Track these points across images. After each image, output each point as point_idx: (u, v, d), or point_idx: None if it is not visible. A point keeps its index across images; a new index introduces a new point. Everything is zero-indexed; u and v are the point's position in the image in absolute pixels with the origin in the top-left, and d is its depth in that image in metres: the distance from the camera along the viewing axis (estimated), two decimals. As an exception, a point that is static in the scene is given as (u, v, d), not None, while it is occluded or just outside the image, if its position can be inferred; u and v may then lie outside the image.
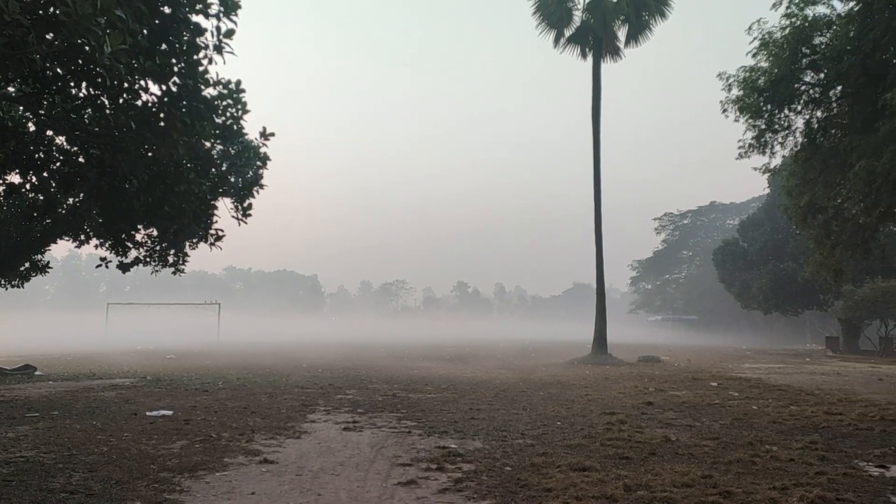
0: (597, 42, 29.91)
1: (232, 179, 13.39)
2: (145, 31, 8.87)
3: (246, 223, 13.30)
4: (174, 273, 15.28)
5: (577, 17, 30.38)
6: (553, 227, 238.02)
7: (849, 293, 40.14)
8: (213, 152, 12.68)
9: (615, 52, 30.61)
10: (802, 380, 19.80)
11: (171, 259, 14.90)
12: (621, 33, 30.19)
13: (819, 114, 19.20)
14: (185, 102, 9.95)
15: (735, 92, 19.08)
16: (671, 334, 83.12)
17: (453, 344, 49.06)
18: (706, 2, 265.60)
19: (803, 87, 18.77)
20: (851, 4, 17.01)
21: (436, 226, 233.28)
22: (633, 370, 23.37)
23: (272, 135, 12.37)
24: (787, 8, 18.50)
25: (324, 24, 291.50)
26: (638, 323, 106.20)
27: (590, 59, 30.48)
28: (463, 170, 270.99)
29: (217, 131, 11.78)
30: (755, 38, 18.79)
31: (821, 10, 18.50)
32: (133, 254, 14.42)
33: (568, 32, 30.48)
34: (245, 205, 13.40)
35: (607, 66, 30.98)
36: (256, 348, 37.20)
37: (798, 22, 18.26)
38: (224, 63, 9.95)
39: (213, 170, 12.37)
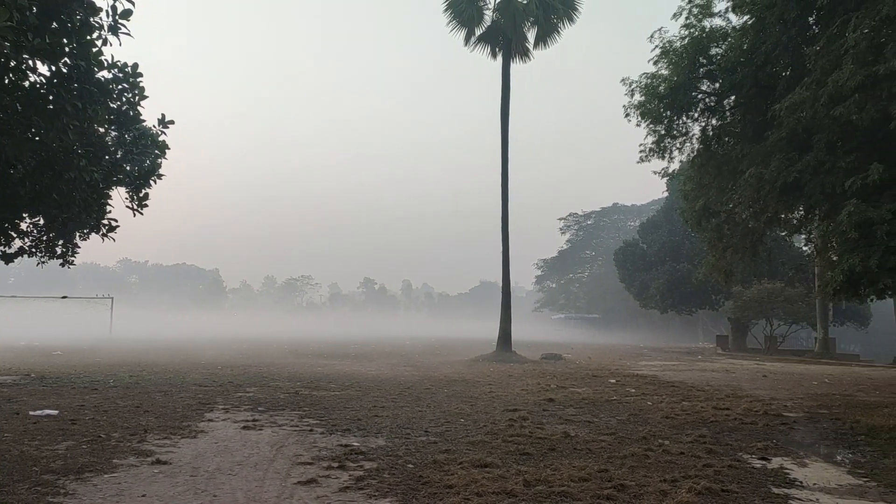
0: (506, 42, 30.31)
1: (128, 168, 12.75)
2: (35, 8, 8.31)
3: (142, 214, 12.69)
4: (63, 265, 14.43)
5: (488, 16, 30.73)
6: (461, 226, 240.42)
7: (738, 294, 42.26)
8: (107, 138, 12.04)
9: (524, 53, 31.11)
10: (694, 376, 20.68)
11: (59, 250, 14.05)
12: (531, 35, 30.73)
13: (714, 122, 20.06)
14: (76, 85, 9.38)
15: (637, 97, 19.70)
16: (574, 332, 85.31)
17: (359, 341, 48.69)
18: (613, 9, 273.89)
19: (700, 96, 19.57)
20: (746, 18, 17.84)
21: (343, 221, 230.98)
22: (536, 367, 23.81)
23: (171, 122, 11.85)
24: (687, 19, 19.25)
25: (231, 9, 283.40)
26: (542, 321, 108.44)
27: (499, 58, 30.88)
28: (371, 165, 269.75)
29: (112, 116, 11.17)
30: (656, 47, 19.46)
31: (717, 22, 19.35)
32: (17, 244, 13.53)
33: (479, 31, 30.77)
34: (141, 195, 12.78)
35: (517, 67, 31.50)
36: (152, 345, 35.76)
37: (696, 32, 19.03)
38: (120, 45, 9.43)
39: (107, 157, 11.74)
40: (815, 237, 20.06)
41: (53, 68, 9.16)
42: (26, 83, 9.33)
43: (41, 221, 13.15)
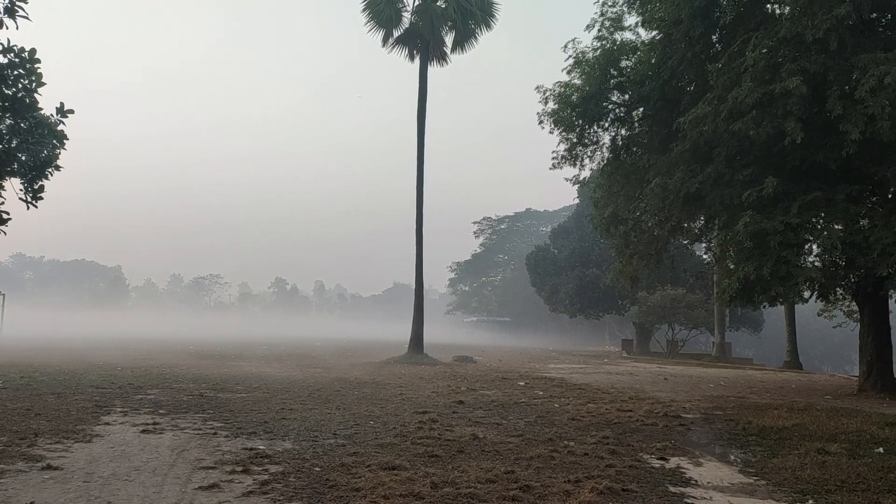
0: (424, 45, 30.40)
1: (23, 158, 12.07)
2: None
3: (36, 207, 12.03)
4: (-52, 259, 13.54)
5: (407, 18, 30.72)
6: (376, 227, 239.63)
7: (643, 299, 43.76)
8: (1, 126, 11.38)
9: (442, 57, 31.29)
10: (600, 379, 21.25)
11: (-56, 243, 13.20)
12: (448, 39, 30.94)
13: (623, 132, 20.72)
14: (-35, 68, 8.84)
15: (551, 105, 20.12)
16: (485, 335, 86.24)
17: (269, 342, 47.74)
18: (530, 17, 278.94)
19: (611, 106, 20.17)
20: (654, 34, 18.51)
21: (254, 219, 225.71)
22: (447, 370, 23.94)
23: (71, 112, 11.30)
24: (599, 31, 19.83)
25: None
26: (455, 324, 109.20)
27: (417, 61, 30.92)
28: (285, 164, 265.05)
29: (6, 103, 10.57)
30: (570, 56, 19.95)
31: (628, 35, 20.02)
32: None
33: (397, 33, 30.73)
34: (36, 187, 12.12)
35: (435, 70, 31.66)
36: (47, 345, 33.98)
37: (608, 45, 19.62)
38: (17, 28, 8.95)
39: (0, 146, 11.11)
40: (714, 246, 21.02)
41: (-59, 50, 8.60)
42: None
43: (-76, 212, 12.30)
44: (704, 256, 40.48)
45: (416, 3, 30.51)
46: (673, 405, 13.92)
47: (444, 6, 30.05)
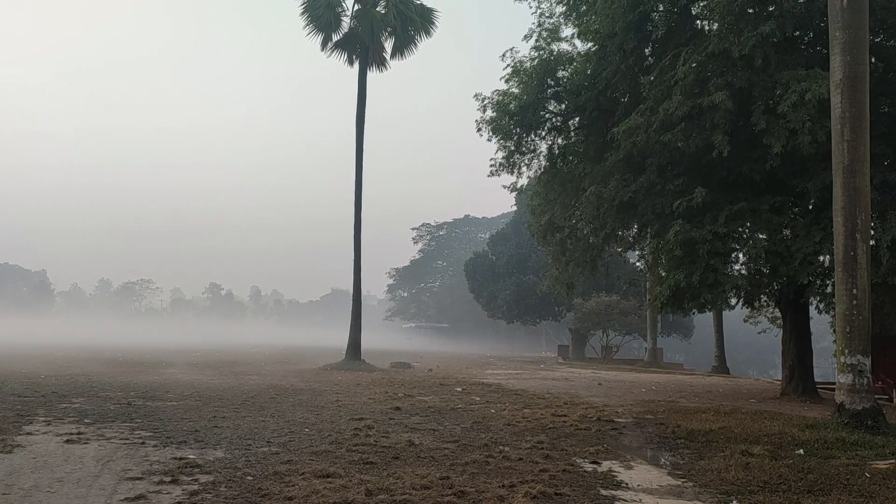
0: (364, 50, 30.30)
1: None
2: None
3: (-45, 209, 11.54)
4: None
5: (346, 23, 30.56)
6: (314, 232, 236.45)
7: (578, 306, 44.48)
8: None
9: (381, 63, 31.23)
10: (536, 385, 21.51)
11: None
12: (388, 45, 30.90)
13: (560, 141, 21.07)
14: None
15: (489, 113, 20.31)
16: (424, 341, 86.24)
17: (202, 349, 46.65)
18: (469, 25, 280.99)
19: (548, 115, 20.50)
20: (590, 45, 18.92)
21: (187, 224, 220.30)
22: (384, 376, 23.85)
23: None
24: (537, 41, 20.16)
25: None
26: (393, 330, 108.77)
27: (356, 66, 30.79)
28: (218, 165, 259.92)
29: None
30: (508, 66, 20.20)
31: (565, 46, 20.42)
32: None
33: (336, 37, 30.52)
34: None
35: (375, 77, 31.66)
36: (-34, 353, 32.47)
37: (545, 55, 19.95)
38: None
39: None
40: (647, 254, 21.54)
41: None
42: None
43: None
44: (638, 264, 41.49)
45: (356, 7, 30.41)
46: (606, 410, 14.20)
47: (383, 12, 30.03)
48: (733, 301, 17.18)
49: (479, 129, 20.76)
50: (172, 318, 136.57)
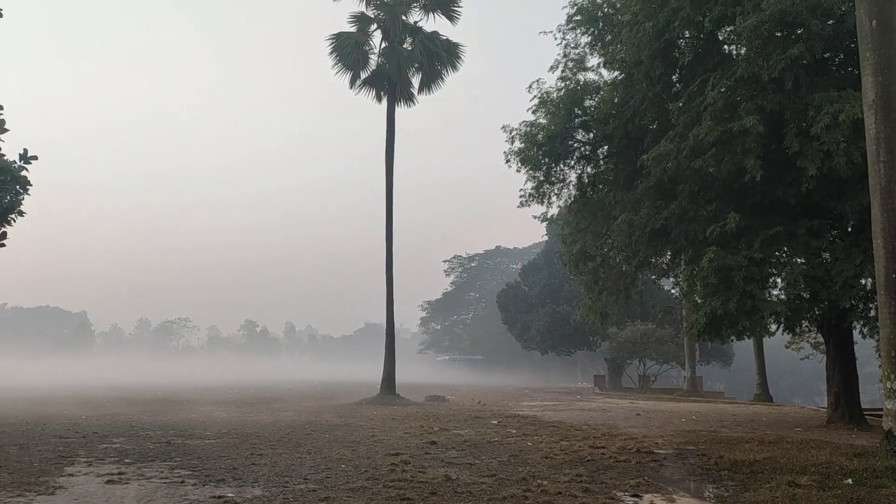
0: (391, 87, 30.72)
1: (-15, 204, 11.91)
2: None
3: (-2, 254, 11.85)
4: None
5: (373, 60, 31.07)
6: (346, 267, 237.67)
7: (613, 335, 43.92)
8: (-38, 173, 11.24)
9: (409, 98, 31.62)
10: (573, 416, 21.22)
11: None
12: (415, 80, 31.30)
13: (589, 170, 21.03)
14: (-74, 114, 8.73)
15: (517, 144, 20.38)
16: (458, 374, 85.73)
17: (239, 386, 46.94)
18: (496, 57, 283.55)
19: (576, 145, 20.49)
20: (616, 74, 18.95)
21: (222, 261, 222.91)
22: (419, 410, 23.73)
23: (34, 158, 11.21)
24: (563, 72, 20.26)
25: (106, 39, 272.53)
26: (427, 363, 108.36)
27: (385, 102, 31.22)
28: (252, 205, 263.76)
29: (-33, 150, 10.46)
30: (535, 97, 20.31)
31: (591, 76, 20.49)
32: None
33: (364, 75, 31.03)
34: (-1, 233, 11.96)
35: (403, 111, 31.90)
36: (9, 394, 33.05)
37: (571, 85, 20.02)
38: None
39: (-39, 193, 10.95)
40: (681, 281, 21.26)
41: None
42: None
43: None
44: (672, 291, 40.90)
45: (383, 45, 30.91)
46: (646, 441, 13.93)
47: (410, 48, 30.47)
48: (773, 327, 16.82)
49: (507, 161, 20.83)
50: (209, 355, 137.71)
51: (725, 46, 16.91)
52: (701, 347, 44.54)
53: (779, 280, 15.90)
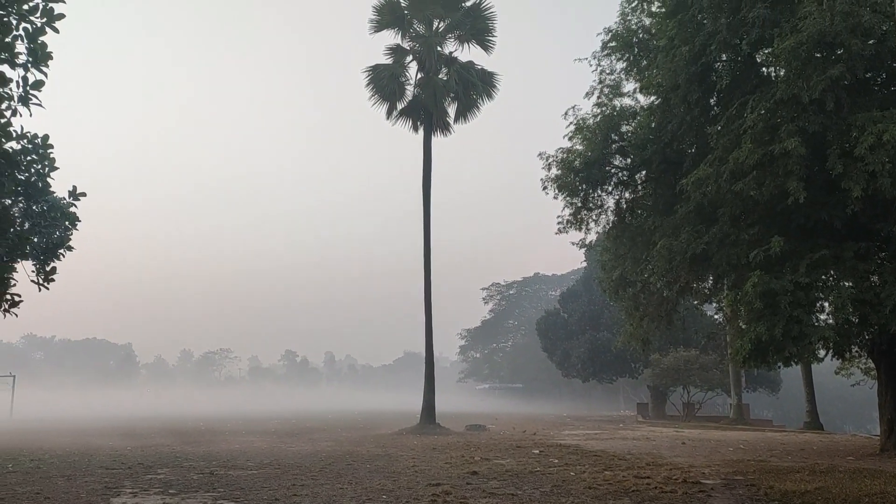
0: (427, 116, 31.03)
1: (35, 240, 12.26)
2: (-62, 77, 8.07)
3: (48, 288, 12.15)
4: (-41, 341, 13.59)
5: (410, 91, 31.48)
6: (385, 296, 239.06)
7: (656, 362, 43.24)
8: (14, 210, 11.60)
9: (445, 128, 31.88)
10: (616, 445, 20.85)
11: (-44, 326, 13.28)
12: (451, 110, 31.59)
13: (627, 195, 20.90)
14: (-20, 155, 9.08)
15: (554, 171, 20.34)
16: (498, 402, 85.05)
17: (280, 416, 47.20)
18: (530, 84, 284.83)
19: (613, 170, 20.40)
20: (653, 99, 18.89)
21: (262, 292, 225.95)
22: (460, 439, 23.56)
23: (83, 195, 11.54)
24: (598, 98, 20.27)
25: (141, 76, 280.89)
26: (467, 391, 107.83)
27: (421, 132, 31.53)
28: (290, 235, 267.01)
29: (19, 188, 10.81)
30: (571, 123, 20.30)
31: (627, 101, 20.45)
32: None
33: (400, 105, 31.45)
34: (48, 268, 12.27)
35: (439, 139, 32.17)
36: (57, 426, 33.73)
37: (607, 111, 20.01)
38: (31, 115, 9.22)
39: (12, 230, 11.28)
40: (724, 306, 20.88)
41: (-43, 138, 8.86)
42: (-73, 153, 8.98)
43: (-63, 296, 12.41)
44: (716, 317, 40.19)
45: (419, 76, 31.32)
46: (692, 471, 13.62)
47: (445, 79, 30.81)
48: (821, 353, 16.39)
49: (544, 188, 20.79)
50: (251, 385, 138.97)
51: (764, 68, 16.75)
52: (747, 374, 43.58)
53: (826, 304, 15.50)
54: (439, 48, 31.05)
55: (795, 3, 14.20)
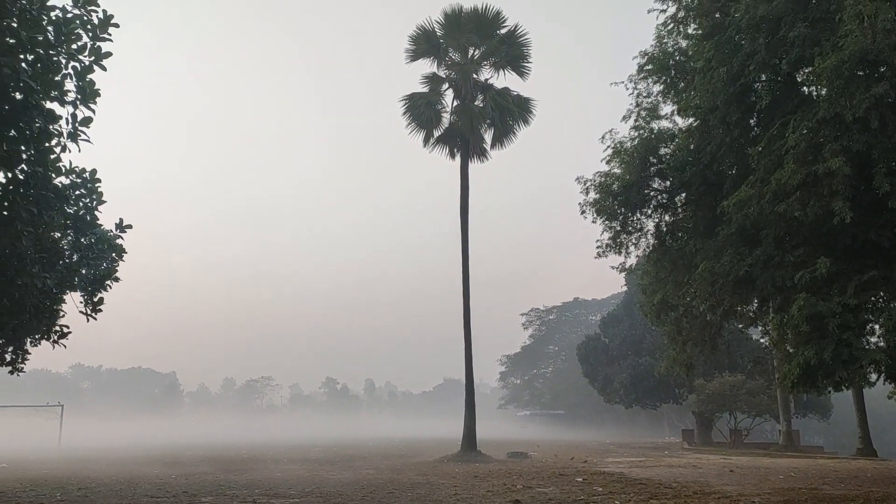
0: (464, 143, 31.17)
1: (83, 272, 12.59)
2: (-8, 117, 8.40)
3: (95, 319, 12.44)
4: (12, 372, 13.93)
5: (446, 119, 31.68)
6: (424, 323, 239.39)
7: (700, 387, 42.39)
8: (63, 243, 11.94)
9: (482, 154, 31.98)
10: (661, 473, 20.42)
11: (8, 357, 13.60)
12: (487, 136, 31.69)
13: (667, 218, 20.71)
14: (32, 191, 9.37)
15: (592, 195, 20.29)
16: (539, 429, 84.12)
17: (321, 443, 47.31)
18: (568, 109, 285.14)
19: (652, 193, 20.26)
20: (691, 121, 18.76)
21: (302, 320, 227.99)
22: (501, 467, 23.31)
23: (129, 227, 11.84)
24: (636, 121, 20.22)
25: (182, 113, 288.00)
26: (507, 418, 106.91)
27: (458, 159, 31.66)
28: (328, 264, 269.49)
29: (68, 222, 11.15)
30: (608, 147, 20.28)
31: (665, 124, 20.37)
32: (-37, 351, 13.09)
33: (437, 133, 31.64)
34: (96, 299, 12.57)
35: (476, 166, 32.23)
36: (104, 454, 34.26)
37: (645, 134, 19.94)
38: (80, 151, 9.52)
39: (62, 262, 11.61)
40: (770, 330, 20.45)
41: (9, 175, 9.16)
42: (-21, 190, 9.31)
43: (-10, 328, 12.78)
44: (762, 340, 39.34)
45: (455, 104, 31.55)
46: (741, 500, 13.26)
47: (481, 105, 30.98)
48: (873, 377, 15.90)
49: (583, 212, 20.74)
50: (292, 413, 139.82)
51: (805, 88, 16.53)
52: (796, 399, 42.45)
53: (876, 327, 15.08)
54: (475, 75, 31.25)
55: (836, 22, 14.00)
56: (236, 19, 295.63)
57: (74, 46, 9.20)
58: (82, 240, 11.96)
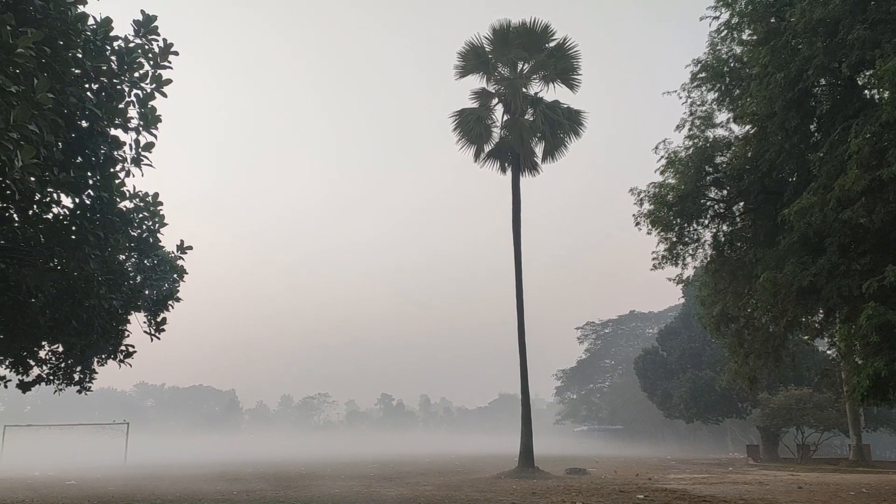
0: (515, 157, 31.11)
1: (147, 293, 12.95)
2: (60, 144, 8.72)
3: (159, 338, 12.78)
4: (80, 392, 14.37)
5: (496, 133, 31.67)
6: (479, 338, 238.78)
7: (765, 401, 41.16)
8: (127, 265, 12.31)
9: (533, 167, 31.86)
10: (726, 490, 19.85)
11: (77, 377, 14.04)
12: (538, 149, 31.57)
13: (725, 228, 20.28)
14: (98, 215, 9.71)
15: (646, 206, 20.02)
16: (597, 445, 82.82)
17: (377, 460, 47.45)
18: (619, 120, 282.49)
19: (709, 203, 19.87)
20: (748, 128, 18.37)
21: (359, 337, 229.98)
22: (560, 483, 22.99)
23: (190, 248, 12.15)
24: (690, 130, 19.88)
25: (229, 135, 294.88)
26: (564, 434, 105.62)
27: (509, 173, 31.60)
28: (383, 281, 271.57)
29: (132, 244, 11.50)
30: (662, 157, 19.98)
31: (720, 132, 20.00)
32: (35, 371, 13.55)
33: (487, 148, 31.65)
34: (159, 319, 12.92)
35: (527, 180, 32.18)
36: (167, 471, 35.01)
37: (700, 143, 19.59)
38: (142, 175, 9.84)
39: (127, 283, 11.97)
40: (837, 341, 19.78)
41: (77, 200, 9.50)
42: (49, 215, 9.66)
43: (60, 349, 13.21)
44: (829, 352, 38.04)
45: (505, 118, 31.54)
46: (811, 518, 12.80)
47: (531, 119, 30.91)
48: (949, 389, 15.22)
49: (637, 224, 20.46)
50: (348, 429, 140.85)
51: (866, 91, 16.04)
52: (866, 412, 40.87)
53: (951, 336, 14.45)
54: (524, 89, 31.22)
55: (896, 22, 13.61)
56: (288, 40, 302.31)
57: (137, 74, 9.53)
58: (146, 261, 12.31)
